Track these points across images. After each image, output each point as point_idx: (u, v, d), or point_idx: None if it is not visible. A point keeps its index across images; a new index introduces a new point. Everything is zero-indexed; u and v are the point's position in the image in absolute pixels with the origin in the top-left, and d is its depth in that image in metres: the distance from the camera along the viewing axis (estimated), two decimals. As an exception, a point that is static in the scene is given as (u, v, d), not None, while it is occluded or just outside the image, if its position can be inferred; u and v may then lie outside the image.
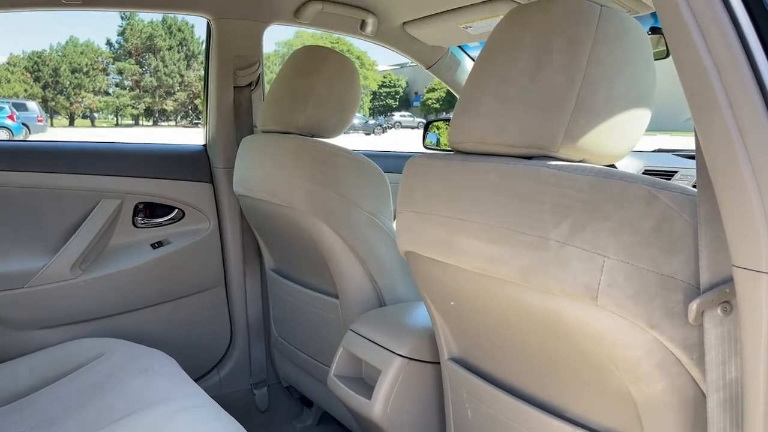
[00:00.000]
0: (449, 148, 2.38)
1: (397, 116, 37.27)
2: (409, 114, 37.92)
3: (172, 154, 1.89)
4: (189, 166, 1.88)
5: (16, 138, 17.61)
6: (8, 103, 19.53)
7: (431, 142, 2.57)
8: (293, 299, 1.70)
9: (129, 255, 1.79)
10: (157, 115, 35.35)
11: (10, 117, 18.12)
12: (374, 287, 1.49)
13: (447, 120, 2.63)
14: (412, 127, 33.01)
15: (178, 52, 33.86)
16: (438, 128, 2.58)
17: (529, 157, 0.86)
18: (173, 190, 1.84)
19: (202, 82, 1.96)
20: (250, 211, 1.69)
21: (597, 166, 0.80)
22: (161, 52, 33.88)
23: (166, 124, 34.96)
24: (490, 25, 1.75)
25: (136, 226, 1.82)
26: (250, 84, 1.87)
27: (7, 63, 32.95)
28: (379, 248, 1.49)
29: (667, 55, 1.36)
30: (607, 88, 0.83)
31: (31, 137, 18.63)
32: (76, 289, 1.68)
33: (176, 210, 1.87)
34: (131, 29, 33.57)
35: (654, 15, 1.63)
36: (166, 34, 33.79)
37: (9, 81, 31.68)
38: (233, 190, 1.70)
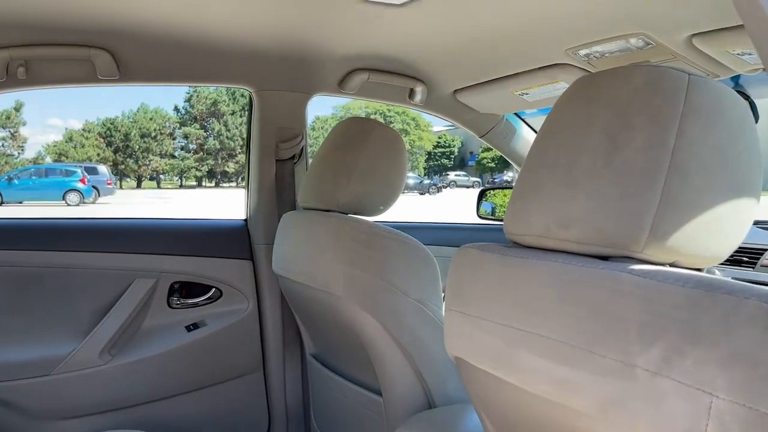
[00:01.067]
0: (506, 218, 2.23)
1: (452, 175, 37.33)
2: (464, 173, 37.93)
3: (211, 230, 1.80)
4: (228, 242, 1.79)
5: (87, 200, 18.45)
6: (81, 167, 20.57)
7: (486, 212, 2.42)
8: (334, 391, 1.55)
9: (162, 338, 1.68)
10: (219, 177, 36.54)
11: (82, 180, 19.03)
12: (422, 385, 1.32)
13: (503, 187, 2.48)
14: (468, 186, 32.95)
15: (240, 116, 35.18)
16: (494, 196, 2.44)
17: (605, 257, 0.70)
18: (211, 269, 1.75)
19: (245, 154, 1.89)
20: (289, 292, 1.57)
21: (696, 273, 0.63)
22: (224, 117, 35.31)
23: (227, 185, 36.05)
24: (549, 91, 1.62)
25: (171, 307, 1.72)
26: (293, 157, 1.78)
27: (83, 129, 34.95)
28: (427, 341, 1.32)
29: (756, 121, 1.19)
30: (701, 174, 0.67)
31: (101, 199, 19.47)
32: (104, 377, 1.58)
33: (213, 289, 1.77)
34: (197, 96, 35.22)
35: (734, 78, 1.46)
36: (229, 99, 35.28)
37: (83, 146, 33.49)
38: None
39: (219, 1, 1.19)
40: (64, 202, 18.09)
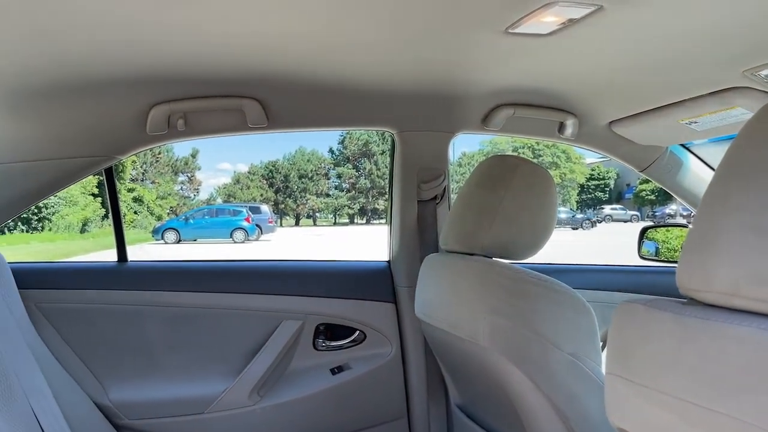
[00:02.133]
0: (673, 260, 2.00)
1: (607, 209, 35.38)
2: (621, 207, 35.78)
3: (355, 272, 1.80)
4: (372, 284, 1.77)
5: (250, 238, 19.87)
6: (246, 207, 22.26)
7: (648, 252, 2.19)
8: (480, 447, 1.44)
9: (308, 380, 1.69)
10: (369, 214, 37.78)
11: (247, 219, 20.55)
12: None
13: (667, 225, 2.24)
14: (625, 221, 30.99)
15: (389, 156, 36.26)
16: (655, 233, 2.21)
17: None
18: (355, 311, 1.74)
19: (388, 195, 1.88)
20: (432, 338, 1.51)
21: None
22: (374, 157, 36.62)
23: (377, 222, 37.15)
24: (722, 119, 1.43)
25: (317, 349, 1.73)
26: (435, 197, 1.74)
27: (248, 172, 37.97)
28: (584, 400, 1.19)
29: None
30: None
31: (263, 236, 20.87)
32: (253, 417, 1.61)
33: (358, 332, 1.75)
34: (350, 137, 36.93)
35: None
36: (379, 139, 36.58)
37: (249, 187, 36.33)
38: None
39: (361, 49, 1.19)
40: (231, 239, 19.62)
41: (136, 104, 1.42)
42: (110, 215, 1.72)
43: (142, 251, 14.45)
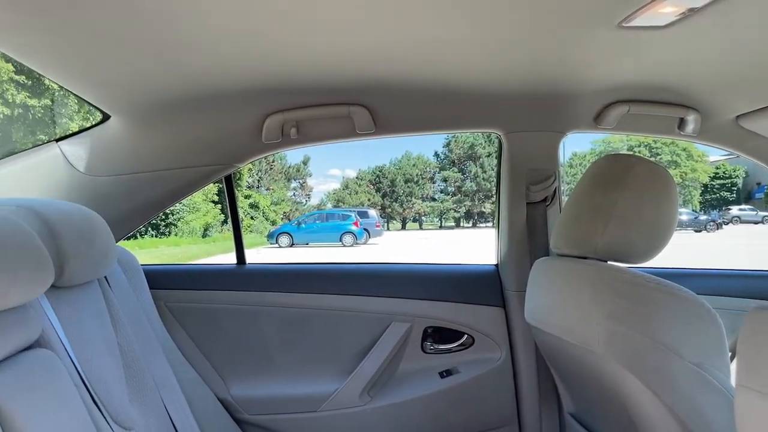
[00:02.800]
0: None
1: (734, 210, 32.77)
2: (751, 207, 33.03)
3: (463, 276, 1.79)
4: (480, 288, 1.76)
5: (359, 241, 20.28)
6: (354, 211, 22.76)
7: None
8: (595, 459, 1.39)
9: (416, 383, 1.70)
10: (476, 217, 37.40)
11: (355, 224, 21.00)
12: None
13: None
14: (755, 222, 28.56)
15: (496, 157, 35.72)
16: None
17: None
18: (463, 314, 1.73)
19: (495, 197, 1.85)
20: (544, 344, 1.47)
21: None
22: (480, 159, 36.22)
23: (484, 225, 36.69)
24: None
25: (425, 352, 1.74)
26: (545, 199, 1.69)
27: (356, 177, 38.82)
28: (710, 412, 1.11)
29: None
30: None
31: (370, 240, 21.24)
32: (363, 417, 1.65)
33: (466, 336, 1.74)
34: (455, 141, 36.76)
35: None
36: (485, 142, 36.14)
37: (357, 192, 37.12)
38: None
39: (469, 50, 1.19)
40: (340, 243, 20.13)
41: (253, 115, 1.50)
42: (229, 220, 1.82)
43: (260, 254, 15.16)
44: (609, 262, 1.24)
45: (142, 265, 1.62)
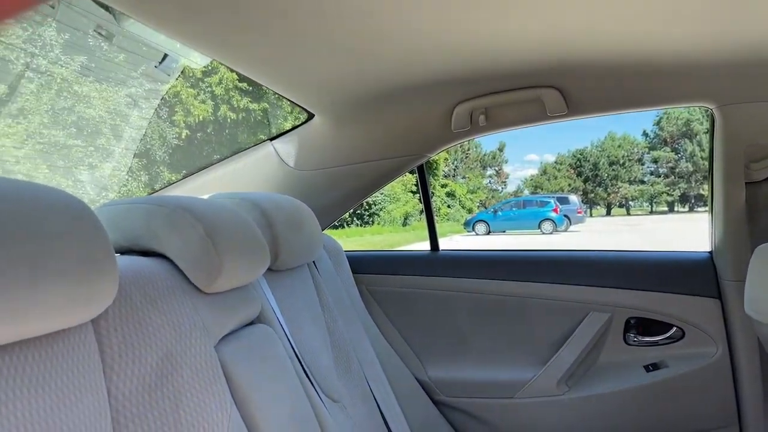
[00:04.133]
0: None
1: None
2: None
3: (670, 263, 1.65)
4: (690, 277, 1.61)
5: (559, 228, 19.61)
6: (553, 197, 22.01)
7: None
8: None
9: (618, 375, 1.61)
10: (693, 201, 33.98)
11: (555, 210, 20.30)
12: None
13: None
14: None
15: (708, 134, 32.07)
16: None
17: None
18: (670, 305, 1.60)
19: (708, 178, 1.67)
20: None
21: None
22: (697, 137, 32.77)
23: (702, 209, 33.21)
24: None
25: (628, 344, 1.64)
26: (769, 178, 1.49)
27: (555, 162, 37.46)
28: None
29: None
30: None
31: (571, 227, 20.41)
32: (560, 406, 1.61)
33: (674, 328, 1.61)
34: (667, 118, 33.70)
35: None
36: (703, 117, 32.58)
37: (556, 177, 35.85)
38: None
39: (677, 19, 1.08)
40: (539, 230, 19.63)
41: (442, 105, 1.54)
42: (423, 209, 1.88)
43: (453, 242, 15.40)
44: None
45: (345, 251, 1.75)
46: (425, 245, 1.92)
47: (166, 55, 1.43)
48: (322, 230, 1.78)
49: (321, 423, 1.12)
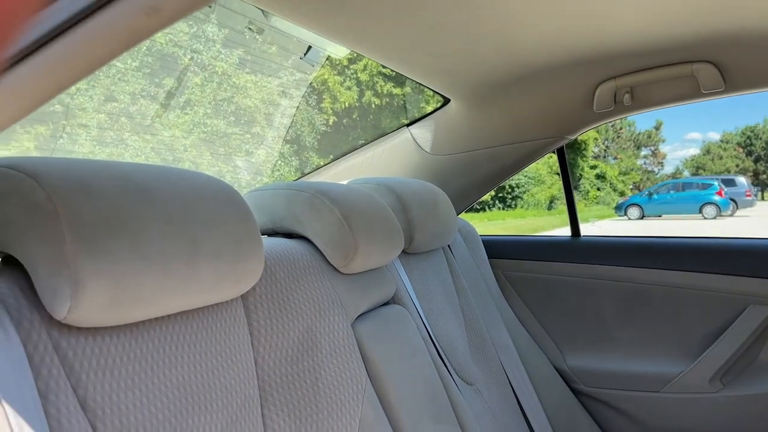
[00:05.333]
0: None
1: None
2: None
3: None
4: None
5: (723, 213, 17.96)
6: (717, 179, 20.15)
7: None
8: None
9: None
10: None
11: (718, 193, 18.59)
12: None
13: None
14: None
15: None
16: None
17: None
18: None
19: None
20: None
21: None
22: None
23: None
24: None
25: None
26: None
27: (720, 140, 34.22)
28: None
29: None
30: None
31: (738, 212, 18.60)
32: (712, 404, 1.50)
33: None
34: None
35: None
36: None
37: (721, 157, 32.77)
38: None
39: None
40: (700, 215, 18.11)
41: (583, 84, 1.47)
42: (563, 192, 1.82)
43: (594, 227, 14.65)
44: None
45: (481, 236, 1.75)
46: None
47: (310, 47, 1.51)
48: (458, 215, 1.79)
49: (453, 403, 1.14)
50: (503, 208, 19.60)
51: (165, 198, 0.63)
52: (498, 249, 1.80)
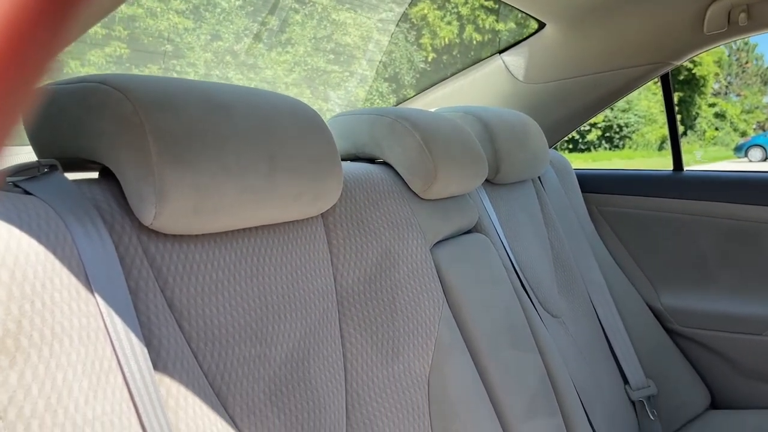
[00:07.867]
0: None
1: None
2: None
3: None
4: None
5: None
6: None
7: None
8: None
9: None
10: None
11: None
12: None
13: None
14: None
15: None
16: None
17: None
18: None
19: None
20: None
21: None
22: None
23: None
24: None
25: None
26: None
27: None
28: None
29: None
30: None
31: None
32: None
33: None
34: None
35: None
36: None
37: None
38: None
39: None
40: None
41: (693, 3, 1.36)
42: (666, 123, 1.71)
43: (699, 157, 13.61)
44: None
45: (575, 169, 1.69)
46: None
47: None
48: (551, 146, 1.73)
49: (535, 334, 1.14)
50: (610, 149, 18.67)
51: (243, 114, 0.66)
52: (592, 183, 1.73)
